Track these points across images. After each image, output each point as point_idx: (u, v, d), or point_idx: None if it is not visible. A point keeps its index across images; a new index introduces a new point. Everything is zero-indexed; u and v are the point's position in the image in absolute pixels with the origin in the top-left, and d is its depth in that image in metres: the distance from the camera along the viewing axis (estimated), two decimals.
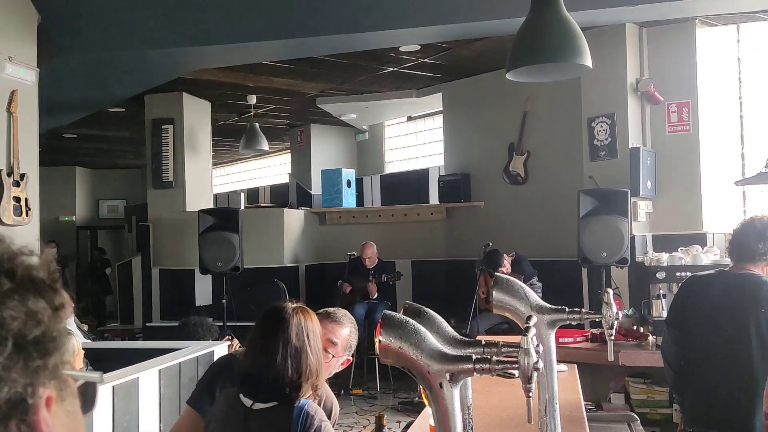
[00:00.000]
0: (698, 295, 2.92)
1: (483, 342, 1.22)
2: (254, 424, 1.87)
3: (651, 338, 4.33)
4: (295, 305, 2.00)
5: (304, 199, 9.92)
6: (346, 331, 2.33)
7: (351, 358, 2.38)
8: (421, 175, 9.18)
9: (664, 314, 4.29)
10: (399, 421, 5.43)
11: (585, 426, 2.16)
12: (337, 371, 2.36)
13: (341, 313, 2.37)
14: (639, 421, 3.15)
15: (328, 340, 2.24)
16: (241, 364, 1.97)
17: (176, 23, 5.42)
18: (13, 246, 0.59)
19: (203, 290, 7.64)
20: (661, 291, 4.37)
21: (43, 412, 0.55)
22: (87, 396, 0.64)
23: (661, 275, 4.63)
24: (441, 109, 8.26)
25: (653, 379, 4.34)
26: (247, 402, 1.89)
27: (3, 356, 0.52)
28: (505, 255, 6.07)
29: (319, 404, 2.03)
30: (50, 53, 5.40)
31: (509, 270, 5.90)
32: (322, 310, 2.33)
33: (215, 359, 2.42)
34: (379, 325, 1.12)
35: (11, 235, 0.60)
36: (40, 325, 0.55)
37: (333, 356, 2.28)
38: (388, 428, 2.18)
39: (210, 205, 8.39)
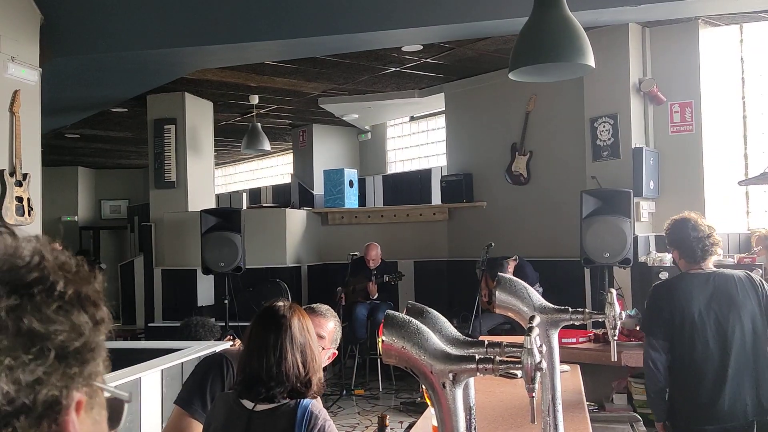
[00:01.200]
0: (679, 300, 2.98)
1: (486, 342, 1.22)
2: (257, 425, 1.87)
3: None
4: (288, 303, 2.01)
5: (306, 199, 9.92)
6: (332, 324, 2.35)
7: (336, 352, 2.39)
8: (424, 176, 9.18)
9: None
10: (401, 422, 5.42)
11: (588, 426, 2.15)
12: (324, 365, 2.37)
13: (324, 307, 2.40)
14: (642, 422, 3.15)
15: (317, 335, 2.25)
16: (244, 368, 1.95)
17: (178, 23, 5.43)
18: (70, 259, 0.65)
19: (205, 290, 7.65)
20: None
21: (72, 414, 0.60)
22: (114, 412, 0.69)
23: (663, 275, 4.62)
24: (443, 109, 8.26)
25: None
26: (249, 405, 1.89)
27: (46, 365, 0.57)
28: (509, 260, 6.06)
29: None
30: (52, 53, 5.41)
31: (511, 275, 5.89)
32: (305, 306, 2.36)
33: (202, 358, 2.41)
34: (381, 325, 1.12)
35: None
36: (82, 337, 0.61)
37: (323, 348, 2.29)
38: (391, 428, 2.18)
39: (212, 206, 8.40)
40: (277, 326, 1.92)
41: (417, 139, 9.79)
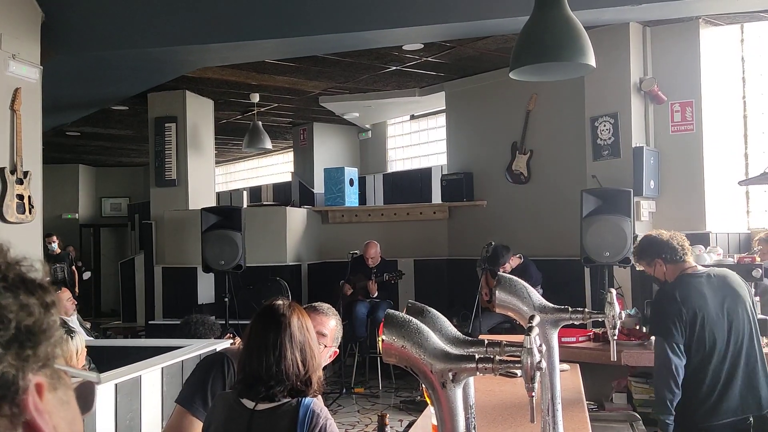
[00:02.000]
0: (696, 300, 3.00)
1: (486, 341, 1.22)
2: (258, 424, 1.87)
3: (654, 338, 4.32)
4: (287, 302, 2.01)
5: (306, 197, 9.92)
6: (333, 322, 2.35)
7: (337, 350, 2.39)
8: (424, 174, 9.18)
9: None
10: (401, 420, 5.43)
11: (587, 425, 2.16)
12: (325, 364, 2.37)
13: (326, 306, 2.40)
14: (641, 421, 3.15)
15: (319, 333, 2.25)
16: (243, 367, 1.95)
17: (179, 21, 5.43)
18: (9, 255, 0.64)
19: (205, 288, 7.66)
20: None
21: (33, 396, 0.59)
22: (85, 396, 0.68)
23: None
24: (444, 107, 8.26)
25: None
26: (250, 404, 1.89)
27: (4, 339, 0.57)
28: (513, 255, 6.06)
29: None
30: (53, 51, 5.41)
31: (510, 269, 5.89)
32: (306, 305, 2.35)
33: (203, 357, 2.41)
34: (382, 324, 1.12)
35: (9, 243, 0.65)
36: (32, 316, 0.60)
37: (325, 347, 2.30)
38: (391, 427, 2.18)
39: (213, 204, 8.40)
40: (276, 325, 1.92)
41: (417, 137, 9.79)
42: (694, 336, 2.96)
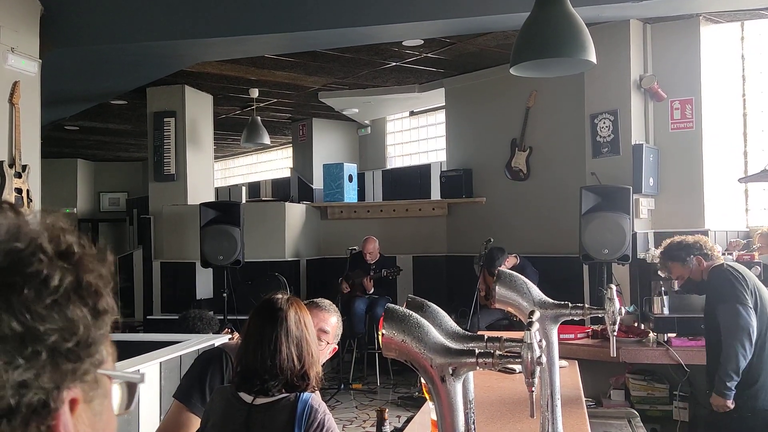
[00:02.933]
0: (753, 279, 3.25)
1: (485, 336, 1.22)
2: (257, 419, 1.86)
3: (652, 335, 4.33)
4: (286, 296, 2.00)
5: (305, 193, 9.91)
6: (335, 319, 2.35)
7: (337, 347, 2.39)
8: (423, 171, 9.17)
9: (666, 311, 4.30)
10: (399, 416, 5.43)
11: (586, 421, 2.16)
12: (326, 360, 2.37)
13: (326, 302, 2.40)
14: (639, 418, 3.15)
15: (320, 330, 2.25)
16: (240, 360, 1.94)
17: (179, 16, 5.41)
18: (73, 244, 0.58)
19: (204, 283, 7.65)
20: (663, 288, 4.36)
21: (64, 416, 0.55)
22: (127, 394, 0.65)
23: (662, 272, 4.61)
24: (443, 104, 8.25)
25: (654, 375, 4.34)
26: (248, 398, 1.88)
27: (35, 367, 0.52)
28: (508, 256, 6.05)
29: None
30: (52, 45, 5.39)
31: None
32: (307, 301, 2.35)
33: (201, 352, 2.41)
34: (382, 318, 1.12)
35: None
36: (76, 336, 0.55)
37: (327, 343, 2.29)
38: (389, 423, 2.18)
39: (211, 199, 8.39)
40: (273, 319, 1.92)
41: (417, 134, 9.78)
42: (757, 310, 3.15)
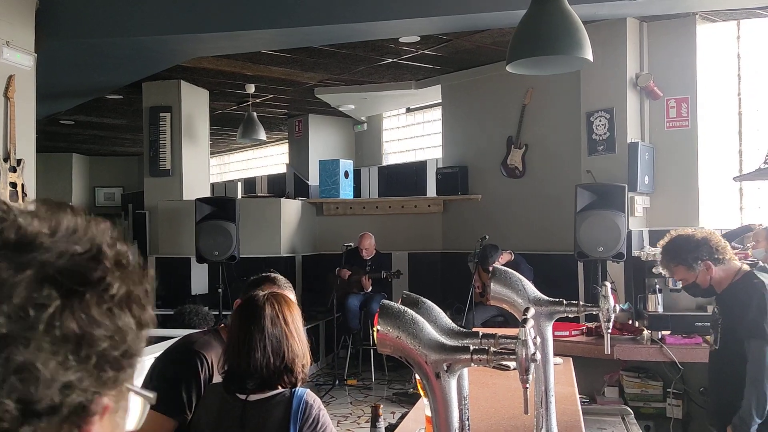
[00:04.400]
0: None
1: (480, 333, 1.22)
2: (252, 415, 1.86)
3: (646, 333, 4.34)
4: (266, 292, 1.99)
5: (301, 189, 9.90)
6: (292, 296, 2.31)
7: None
8: (419, 167, 9.18)
9: (660, 309, 4.31)
10: (393, 412, 5.44)
11: (580, 418, 2.16)
12: None
13: (282, 278, 2.36)
14: (633, 415, 3.16)
15: None
16: (226, 359, 1.93)
17: (175, 10, 5.39)
18: (126, 252, 0.59)
19: (199, 279, 7.64)
20: (657, 286, 4.37)
21: (96, 421, 0.56)
22: (141, 412, 0.64)
23: (657, 270, 4.63)
24: (440, 101, 8.25)
25: (648, 373, 4.36)
26: (242, 395, 1.89)
27: (83, 371, 0.54)
28: (503, 253, 6.06)
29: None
30: (48, 38, 5.37)
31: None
32: (263, 275, 2.32)
33: (176, 357, 2.26)
34: (377, 314, 1.12)
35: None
36: (124, 344, 0.57)
37: None
38: (384, 419, 2.18)
39: (207, 194, 8.38)
40: (249, 318, 1.90)
41: (413, 130, 9.78)
42: None
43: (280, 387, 1.88)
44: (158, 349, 3.37)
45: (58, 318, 0.52)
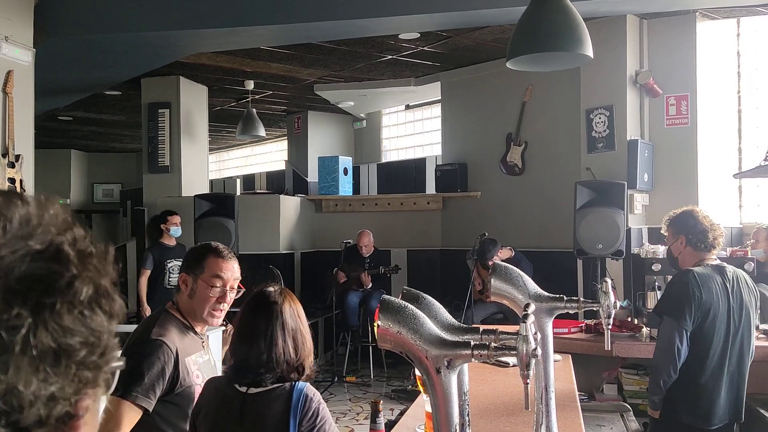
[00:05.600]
0: (713, 291, 2.93)
1: (481, 329, 1.22)
2: (251, 408, 1.87)
3: (645, 330, 4.34)
4: (278, 289, 1.99)
5: (300, 186, 9.90)
6: (236, 265, 2.27)
7: (243, 286, 2.31)
8: (418, 164, 9.17)
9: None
10: (392, 409, 5.44)
11: (579, 415, 2.16)
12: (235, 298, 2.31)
13: (226, 249, 2.29)
14: (631, 412, 3.17)
15: (216, 276, 2.21)
16: (233, 352, 1.93)
17: (174, 6, 5.38)
18: (88, 243, 0.57)
19: None
20: (656, 283, 4.37)
21: (81, 420, 0.57)
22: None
23: (656, 267, 4.63)
24: (439, 98, 8.24)
25: (646, 370, 4.36)
26: (242, 388, 1.89)
27: (64, 380, 0.53)
28: (502, 248, 6.06)
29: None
30: (47, 34, 5.36)
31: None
32: (204, 243, 2.30)
33: (146, 348, 2.09)
34: (377, 309, 1.11)
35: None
36: (100, 346, 0.56)
37: (231, 288, 2.24)
38: (383, 415, 2.18)
39: (206, 191, 8.36)
40: (267, 312, 1.91)
41: (412, 127, 9.77)
42: (702, 328, 2.89)
43: (279, 383, 1.89)
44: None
45: (32, 336, 0.51)
